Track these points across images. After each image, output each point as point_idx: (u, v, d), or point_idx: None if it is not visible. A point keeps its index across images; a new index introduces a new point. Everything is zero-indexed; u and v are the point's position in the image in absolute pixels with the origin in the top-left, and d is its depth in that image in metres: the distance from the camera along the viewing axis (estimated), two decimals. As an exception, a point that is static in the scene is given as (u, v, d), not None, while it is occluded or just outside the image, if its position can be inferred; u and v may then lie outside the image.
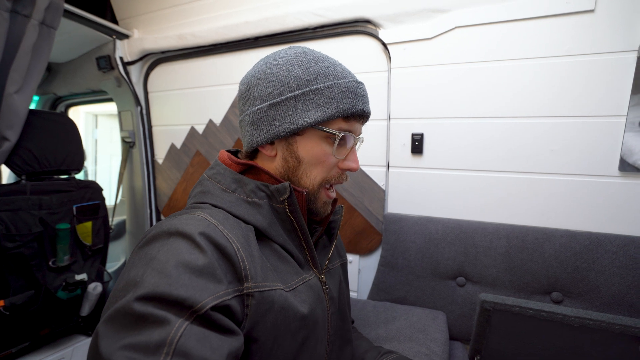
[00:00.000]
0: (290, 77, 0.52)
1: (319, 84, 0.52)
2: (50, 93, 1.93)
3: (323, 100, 0.52)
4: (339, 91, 0.52)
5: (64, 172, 1.35)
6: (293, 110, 0.52)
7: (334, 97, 0.52)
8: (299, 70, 0.52)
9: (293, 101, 0.52)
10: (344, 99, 0.52)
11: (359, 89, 0.55)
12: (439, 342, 0.92)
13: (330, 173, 0.56)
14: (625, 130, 0.91)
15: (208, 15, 1.41)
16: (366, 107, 0.56)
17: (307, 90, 0.52)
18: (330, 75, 0.53)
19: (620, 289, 0.91)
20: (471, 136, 1.08)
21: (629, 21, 0.88)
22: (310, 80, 0.52)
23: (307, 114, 0.52)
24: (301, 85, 0.52)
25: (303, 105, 0.52)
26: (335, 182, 0.57)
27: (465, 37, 1.05)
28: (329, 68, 0.53)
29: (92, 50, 1.62)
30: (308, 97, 0.52)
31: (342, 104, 0.52)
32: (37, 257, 1.22)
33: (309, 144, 0.54)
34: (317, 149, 0.54)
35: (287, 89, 0.52)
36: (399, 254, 1.16)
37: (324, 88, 0.52)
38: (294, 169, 0.55)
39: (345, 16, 1.16)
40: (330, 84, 0.52)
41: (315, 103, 0.52)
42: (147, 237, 0.44)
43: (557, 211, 1.01)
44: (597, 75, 0.93)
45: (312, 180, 0.55)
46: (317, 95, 0.52)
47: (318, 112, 0.51)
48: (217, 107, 1.48)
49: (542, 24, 0.96)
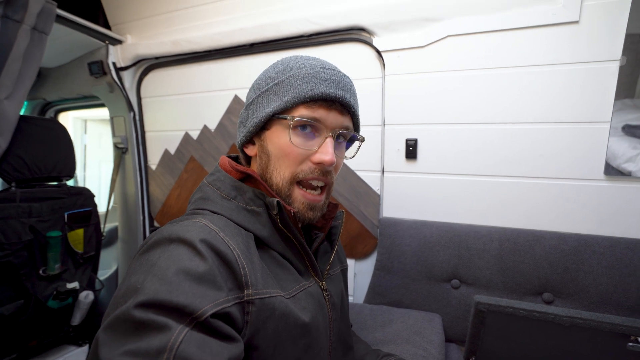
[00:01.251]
0: (264, 78, 0.56)
1: (283, 77, 0.53)
2: (40, 98, 1.90)
3: (282, 90, 0.52)
4: (298, 78, 0.52)
5: (55, 179, 1.33)
6: (259, 105, 0.55)
7: (292, 85, 0.52)
8: (272, 70, 0.56)
9: (260, 97, 0.55)
10: (303, 84, 0.51)
11: (324, 73, 0.52)
12: (435, 344, 0.94)
13: (299, 167, 0.53)
14: (610, 135, 0.96)
15: (203, 22, 1.41)
16: (332, 90, 0.51)
17: (272, 85, 0.54)
18: (296, 67, 0.53)
19: (608, 288, 0.94)
20: (463, 142, 1.11)
21: (611, 32, 0.92)
22: (277, 76, 0.54)
23: (268, 106, 0.53)
24: (269, 82, 0.54)
25: (267, 99, 0.54)
26: (306, 177, 0.53)
27: (457, 45, 1.08)
28: (298, 62, 0.53)
29: (84, 55, 1.61)
30: (271, 91, 0.53)
31: (299, 89, 0.51)
32: (26, 266, 1.19)
33: (275, 136, 0.54)
34: (281, 140, 0.53)
35: (259, 89, 0.56)
36: (395, 258, 1.18)
37: (285, 79, 0.52)
38: (266, 165, 0.55)
39: (340, 24, 1.18)
40: (292, 73, 0.52)
41: (275, 94, 0.53)
42: (148, 243, 0.44)
43: (547, 214, 1.04)
44: (582, 83, 0.97)
45: (282, 176, 0.53)
46: (279, 87, 0.53)
47: (276, 102, 0.52)
48: (211, 112, 1.48)
49: (530, 34, 1.00)
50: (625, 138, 0.95)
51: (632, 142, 0.94)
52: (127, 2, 1.52)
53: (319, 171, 0.53)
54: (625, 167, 0.95)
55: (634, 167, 0.94)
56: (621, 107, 0.94)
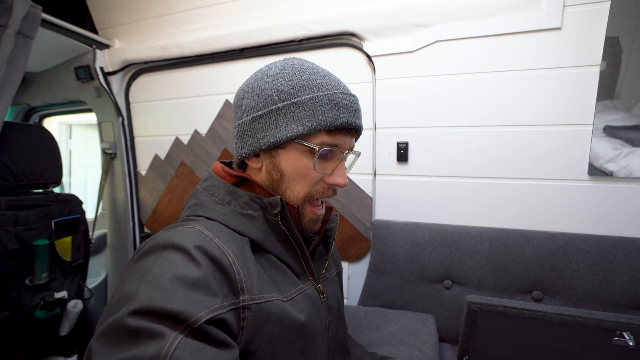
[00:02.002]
0: (274, 90, 0.52)
1: (301, 96, 0.51)
2: (23, 103, 1.85)
3: (304, 113, 0.50)
4: (322, 104, 0.50)
5: (41, 186, 1.30)
6: (274, 123, 0.51)
7: (315, 110, 0.50)
8: (283, 82, 0.52)
9: (274, 114, 0.51)
10: (327, 112, 0.50)
11: (345, 101, 0.52)
12: (429, 345, 0.95)
13: (314, 187, 0.55)
14: (592, 137, 0.99)
15: (192, 26, 1.41)
16: (353, 119, 0.53)
17: (289, 103, 0.51)
18: (314, 87, 0.51)
19: (594, 285, 0.97)
20: (453, 144, 1.14)
21: (591, 38, 0.96)
22: (293, 93, 0.51)
23: (287, 128, 0.51)
24: (283, 98, 0.51)
25: (284, 119, 0.51)
26: (320, 196, 0.56)
27: (446, 50, 1.11)
28: (314, 80, 0.52)
29: (70, 59, 1.58)
30: (289, 110, 0.51)
31: (323, 117, 0.50)
32: (12, 276, 1.15)
33: (291, 157, 0.53)
34: (299, 163, 0.53)
35: (269, 102, 0.52)
36: (388, 260, 1.19)
37: (306, 101, 0.50)
38: (278, 182, 0.55)
39: (331, 29, 1.20)
40: (313, 96, 0.51)
41: (296, 116, 0.51)
42: (142, 250, 0.44)
43: (535, 214, 1.07)
44: (565, 87, 1.00)
45: (296, 195, 0.54)
46: (299, 108, 0.51)
47: (298, 126, 0.50)
48: (202, 117, 1.47)
49: (516, 40, 1.03)
50: (607, 139, 0.98)
51: (613, 143, 0.98)
52: (114, 6, 1.50)
53: (331, 191, 0.57)
54: (607, 167, 0.98)
55: (615, 167, 0.97)
56: (602, 108, 0.97)
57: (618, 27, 0.93)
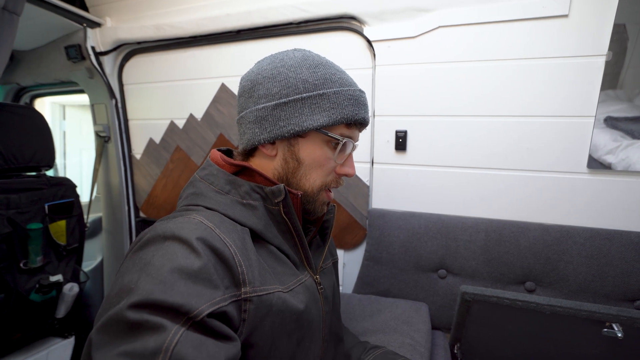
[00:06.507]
0: (298, 79, 0.53)
1: (326, 89, 0.53)
2: (13, 83, 1.80)
3: (329, 105, 0.53)
4: (345, 98, 0.53)
5: (33, 169, 1.27)
6: (299, 112, 0.52)
7: (339, 104, 0.53)
8: (307, 73, 0.53)
9: (300, 103, 0.52)
10: (349, 106, 0.54)
11: (362, 98, 0.57)
12: (422, 333, 0.97)
13: (328, 178, 0.57)
14: (593, 128, 0.98)
15: (187, 6, 1.35)
16: (367, 115, 0.58)
17: (315, 94, 0.52)
18: (337, 81, 0.54)
19: (586, 277, 0.98)
20: (452, 134, 1.12)
21: (598, 27, 0.93)
22: (318, 85, 0.53)
23: (312, 117, 0.52)
24: (308, 89, 0.52)
25: (309, 109, 0.52)
26: (333, 186, 0.59)
27: (448, 36, 1.07)
28: (335, 75, 0.55)
29: (60, 38, 1.52)
30: (315, 101, 0.52)
31: (347, 111, 0.53)
32: (6, 259, 1.15)
33: (311, 146, 0.55)
34: (319, 153, 0.55)
35: (294, 91, 0.52)
36: (383, 249, 1.19)
37: (331, 94, 0.53)
38: (294, 170, 0.55)
39: (330, 12, 1.15)
40: (337, 90, 0.53)
41: (321, 107, 0.52)
42: (141, 240, 0.43)
43: (531, 206, 1.07)
44: (569, 77, 0.98)
45: (312, 184, 0.56)
46: (324, 99, 0.53)
47: (324, 117, 0.52)
48: (198, 101, 1.44)
49: (520, 27, 1.00)
50: (607, 130, 0.97)
51: (613, 135, 0.96)
52: (105, -18, 1.44)
53: (342, 179, 0.60)
54: (605, 158, 0.97)
55: (614, 159, 0.96)
56: (604, 98, 0.96)
57: (626, 13, 0.90)
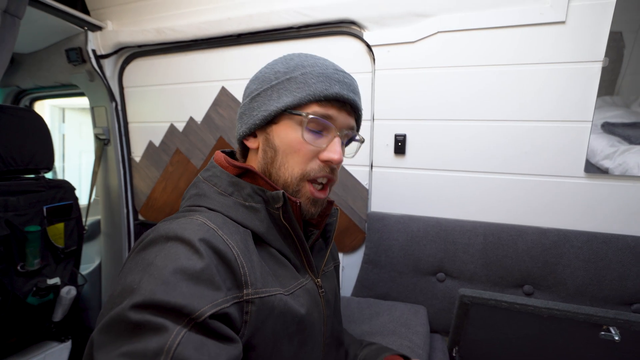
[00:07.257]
0: (271, 72, 0.55)
1: (295, 73, 0.53)
2: (13, 85, 1.80)
3: (296, 86, 0.52)
4: (313, 76, 0.52)
5: (32, 172, 1.27)
6: (268, 99, 0.54)
7: (306, 82, 0.52)
8: (280, 65, 0.55)
9: (269, 91, 0.54)
10: (317, 83, 0.52)
11: (337, 75, 0.54)
12: (420, 335, 0.97)
13: (309, 165, 0.53)
14: (590, 133, 0.99)
15: (188, 10, 1.36)
16: (345, 92, 0.53)
17: (283, 80, 0.53)
18: (308, 65, 0.53)
19: (584, 281, 0.99)
20: (451, 138, 1.13)
21: (595, 34, 0.95)
22: (287, 72, 0.53)
23: (279, 100, 0.53)
24: (278, 77, 0.54)
25: (277, 94, 0.53)
26: (316, 175, 0.54)
27: (447, 42, 1.08)
28: (308, 60, 0.54)
29: (61, 41, 1.53)
30: (282, 86, 0.53)
31: (313, 88, 0.52)
32: (3, 262, 1.14)
33: (283, 131, 0.54)
34: (292, 136, 0.53)
35: (267, 82, 0.55)
36: (382, 252, 1.20)
37: (298, 75, 0.53)
38: (272, 160, 0.54)
39: (330, 17, 1.17)
40: (305, 71, 0.53)
41: (288, 90, 0.52)
42: (144, 241, 0.43)
43: (529, 209, 1.07)
44: (567, 83, 0.99)
45: (291, 172, 0.53)
46: (291, 82, 0.53)
47: (289, 97, 0.52)
48: (198, 104, 1.45)
49: (519, 33, 1.01)
50: (604, 135, 0.98)
51: (610, 140, 0.97)
52: (107, -14, 1.45)
53: (328, 169, 0.55)
54: (603, 163, 0.98)
55: (611, 164, 0.98)
56: (601, 104, 0.97)
57: (622, 21, 0.92)
